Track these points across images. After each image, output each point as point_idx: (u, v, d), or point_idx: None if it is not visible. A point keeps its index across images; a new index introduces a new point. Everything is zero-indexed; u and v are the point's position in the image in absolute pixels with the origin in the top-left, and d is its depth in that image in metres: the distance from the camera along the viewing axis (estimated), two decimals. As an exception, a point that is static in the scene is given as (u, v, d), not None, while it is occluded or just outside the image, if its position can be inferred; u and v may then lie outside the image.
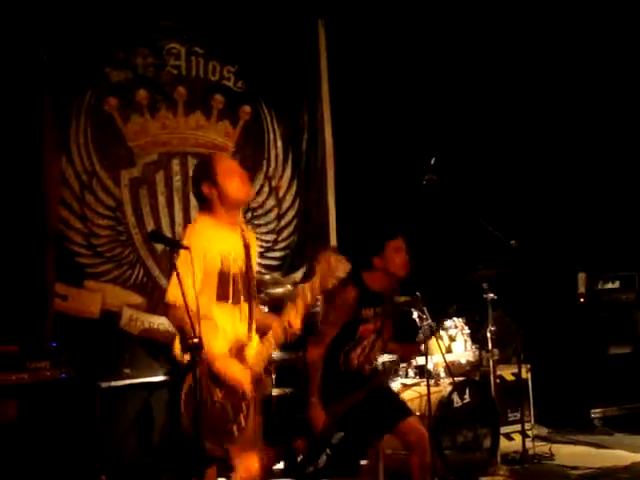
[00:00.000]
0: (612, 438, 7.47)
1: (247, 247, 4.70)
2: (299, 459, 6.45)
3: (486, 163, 8.57)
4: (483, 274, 6.64)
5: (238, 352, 4.53)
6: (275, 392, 6.60)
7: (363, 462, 6.15)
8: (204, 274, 4.47)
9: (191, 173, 5.34)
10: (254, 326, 4.66)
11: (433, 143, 7.87)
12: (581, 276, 8.25)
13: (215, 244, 4.55)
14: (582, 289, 8.27)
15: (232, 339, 4.54)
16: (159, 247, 7.05)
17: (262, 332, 4.64)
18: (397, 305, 6.11)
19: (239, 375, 4.45)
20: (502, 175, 8.49)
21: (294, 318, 4.50)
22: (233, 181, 4.62)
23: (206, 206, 4.64)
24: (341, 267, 4.45)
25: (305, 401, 5.36)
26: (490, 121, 8.70)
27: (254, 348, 4.59)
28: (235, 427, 4.45)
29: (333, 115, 8.27)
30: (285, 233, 8.02)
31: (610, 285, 8.23)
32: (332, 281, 4.46)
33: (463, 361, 6.95)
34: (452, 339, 7.01)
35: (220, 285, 4.53)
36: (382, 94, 8.29)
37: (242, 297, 4.61)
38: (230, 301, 4.56)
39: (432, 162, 6.67)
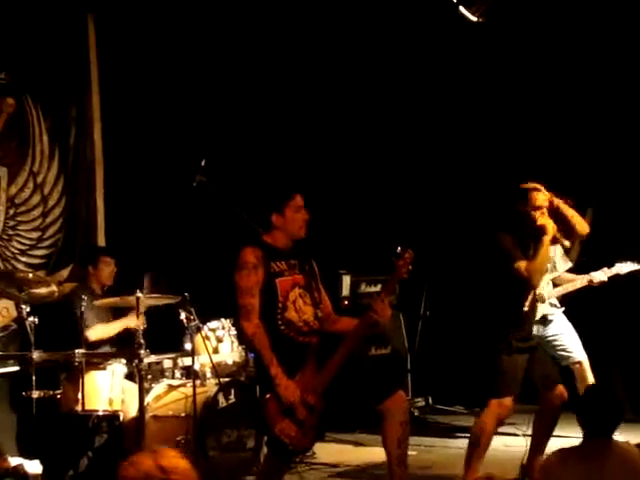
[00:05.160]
0: (371, 437, 7.71)
1: None
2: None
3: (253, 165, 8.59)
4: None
5: None
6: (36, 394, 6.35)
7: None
8: None
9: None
10: None
11: (204, 144, 7.89)
12: (345, 279, 8.44)
13: None
14: (346, 292, 8.47)
15: None
16: None
17: None
18: None
19: None
20: (271, 176, 8.56)
21: None
22: None
23: None
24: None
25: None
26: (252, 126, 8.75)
27: None
28: None
29: (103, 112, 8.12)
30: (51, 230, 7.80)
31: (372, 288, 8.35)
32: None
33: (230, 362, 6.99)
34: (219, 340, 7.03)
35: None
36: (153, 93, 8.21)
37: None
38: None
39: (203, 164, 6.70)
